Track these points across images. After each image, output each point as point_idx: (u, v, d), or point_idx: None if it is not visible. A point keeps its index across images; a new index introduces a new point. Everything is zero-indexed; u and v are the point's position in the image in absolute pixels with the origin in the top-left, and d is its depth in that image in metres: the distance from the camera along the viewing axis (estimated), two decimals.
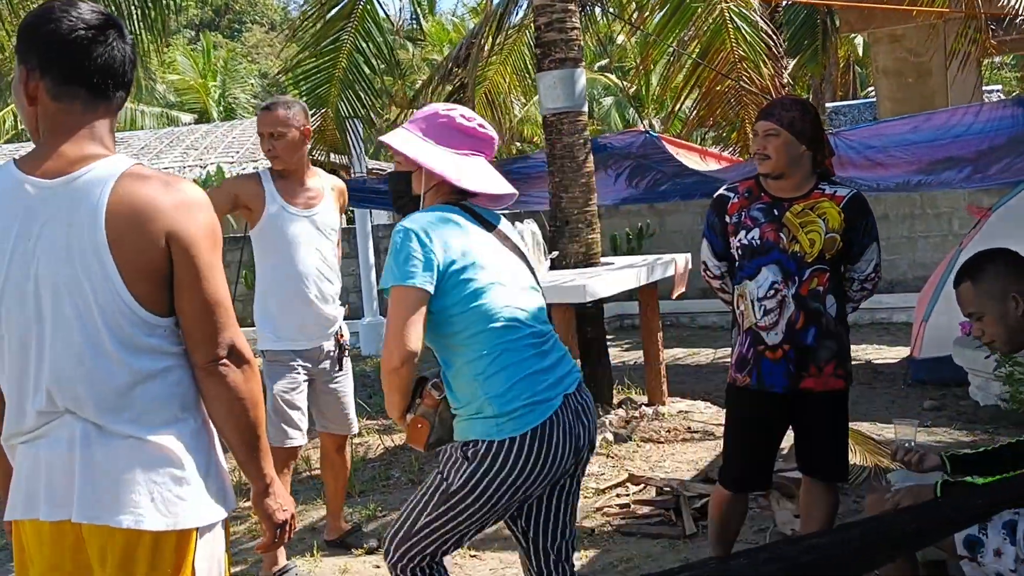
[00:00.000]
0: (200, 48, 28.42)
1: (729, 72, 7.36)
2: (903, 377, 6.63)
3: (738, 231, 3.06)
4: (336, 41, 7.56)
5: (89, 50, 1.68)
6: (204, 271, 1.70)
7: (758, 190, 3.08)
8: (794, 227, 2.97)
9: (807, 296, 2.97)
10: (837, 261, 3.02)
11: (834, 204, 2.98)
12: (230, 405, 1.74)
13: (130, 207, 1.64)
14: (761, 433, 3.13)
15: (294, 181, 3.70)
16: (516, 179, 7.31)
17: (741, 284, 3.08)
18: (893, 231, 9.84)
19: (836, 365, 3.02)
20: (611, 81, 24.23)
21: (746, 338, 3.06)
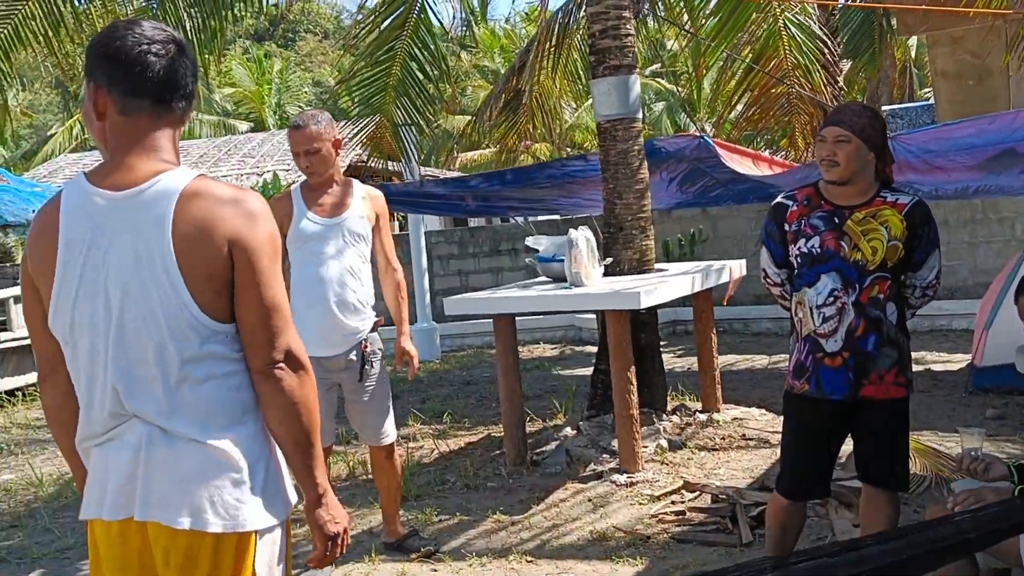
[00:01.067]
0: (255, 57, 28.91)
1: (782, 78, 7.30)
2: (964, 385, 6.51)
3: (798, 239, 3.04)
4: (391, 50, 7.65)
5: (153, 64, 1.75)
6: (264, 277, 1.75)
7: (818, 198, 3.06)
8: (855, 235, 2.95)
9: (867, 303, 2.95)
10: (898, 269, 2.99)
11: (896, 212, 2.96)
12: (285, 409, 1.78)
13: (196, 217, 1.71)
14: (820, 441, 3.11)
15: (321, 191, 3.74)
16: (571, 181, 7.46)
17: (800, 291, 3.07)
18: (953, 236, 9.66)
19: (897, 373, 3.00)
20: (662, 86, 24.13)
21: (804, 345, 3.05)
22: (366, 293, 3.81)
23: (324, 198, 3.74)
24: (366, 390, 3.84)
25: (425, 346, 10.36)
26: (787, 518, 3.22)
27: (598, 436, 5.41)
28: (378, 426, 3.92)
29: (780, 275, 3.20)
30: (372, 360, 3.82)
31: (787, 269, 3.16)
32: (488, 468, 5.38)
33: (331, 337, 3.69)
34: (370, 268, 3.86)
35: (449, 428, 6.62)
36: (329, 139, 3.69)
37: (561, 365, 9.25)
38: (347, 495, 5.13)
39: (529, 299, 5.24)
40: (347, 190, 3.80)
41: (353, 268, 3.74)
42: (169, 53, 1.78)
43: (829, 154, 2.95)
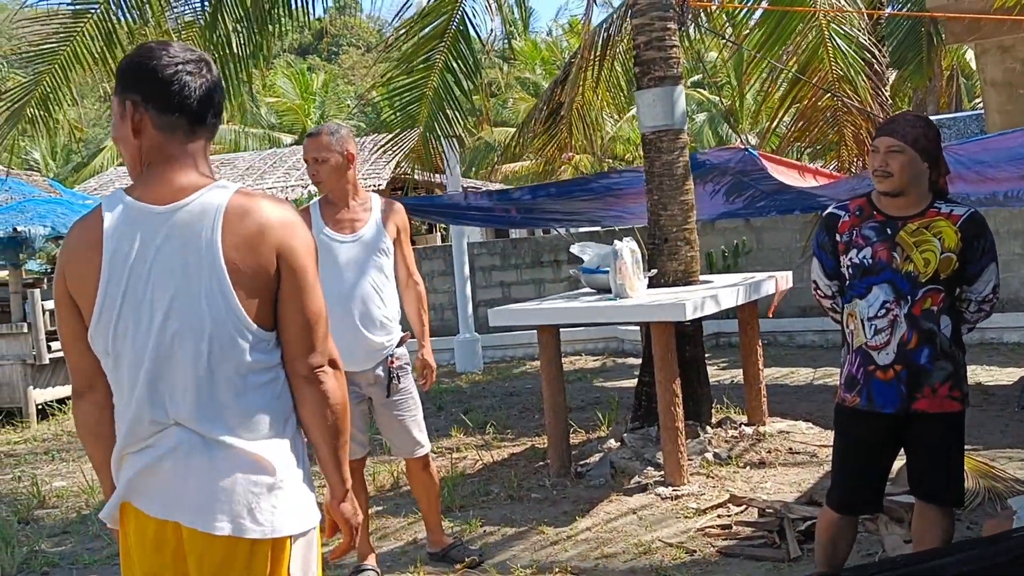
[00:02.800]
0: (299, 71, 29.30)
1: (828, 89, 7.23)
2: (1017, 400, 6.37)
3: (849, 250, 3.01)
4: (428, 60, 7.68)
5: (187, 81, 1.83)
6: (309, 286, 1.83)
7: (870, 208, 3.03)
8: (908, 246, 2.92)
9: (920, 316, 2.91)
10: (952, 281, 2.95)
11: (950, 223, 2.92)
12: (325, 410, 1.86)
13: (244, 227, 1.78)
14: (871, 455, 3.07)
15: (339, 206, 3.74)
16: (613, 193, 7.45)
17: (851, 303, 3.03)
18: (1005, 247, 9.48)
19: (952, 387, 2.95)
20: (704, 97, 24.02)
21: (856, 357, 3.01)
22: (391, 308, 3.79)
23: (342, 213, 3.74)
24: (395, 404, 3.83)
25: (467, 357, 10.40)
26: (838, 532, 3.17)
27: (642, 448, 5.38)
28: (409, 439, 3.91)
29: (832, 287, 3.16)
30: (399, 375, 3.80)
31: (838, 281, 3.13)
32: (532, 479, 5.38)
33: (357, 353, 3.66)
34: (394, 283, 3.84)
35: (492, 439, 6.62)
36: (339, 151, 3.68)
37: (603, 377, 9.22)
38: (391, 506, 5.17)
39: (574, 310, 5.24)
40: (366, 205, 3.79)
41: (376, 284, 3.73)
42: (202, 71, 1.86)
43: (882, 164, 2.92)
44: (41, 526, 5.41)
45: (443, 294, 11.90)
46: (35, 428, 8.91)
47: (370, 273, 3.72)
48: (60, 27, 6.45)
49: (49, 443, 8.09)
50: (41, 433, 8.62)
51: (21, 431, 8.79)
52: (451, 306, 11.49)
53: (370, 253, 3.73)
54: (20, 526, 5.43)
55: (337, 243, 3.70)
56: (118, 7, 6.37)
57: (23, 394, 9.14)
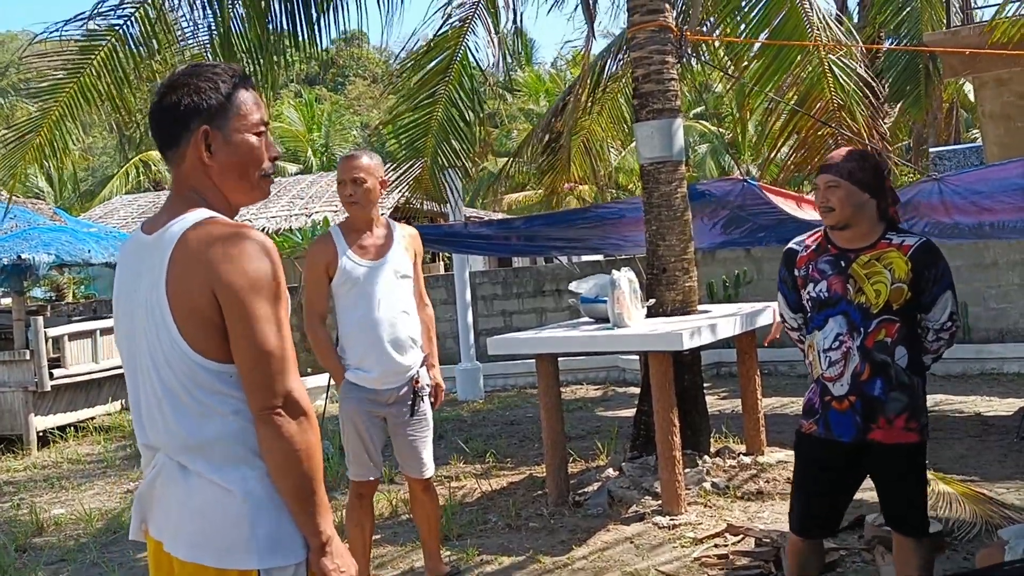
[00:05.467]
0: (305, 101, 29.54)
1: (828, 120, 7.30)
2: (1016, 430, 6.37)
3: (807, 284, 3.11)
4: (432, 94, 7.79)
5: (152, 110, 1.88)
6: (252, 321, 1.72)
7: (825, 242, 3.13)
8: (860, 278, 3.00)
9: (873, 348, 2.97)
10: (908, 311, 2.99)
11: (901, 254, 2.99)
12: (283, 456, 1.74)
13: (184, 259, 1.74)
14: (828, 481, 3.13)
15: (363, 232, 3.81)
16: (612, 223, 7.51)
17: (811, 335, 3.12)
18: (1003, 278, 9.51)
19: (908, 418, 2.97)
20: (707, 128, 24.17)
21: (816, 387, 3.10)
22: (416, 329, 3.88)
23: (366, 239, 3.81)
24: (411, 424, 3.90)
25: (469, 385, 10.41)
26: (804, 557, 3.24)
27: (640, 477, 5.39)
28: (418, 460, 3.95)
29: (796, 320, 3.25)
30: (422, 395, 3.89)
31: (802, 314, 3.22)
32: (530, 508, 5.38)
33: (385, 373, 3.78)
34: (415, 305, 3.93)
35: (492, 467, 6.63)
36: (377, 176, 3.78)
37: (603, 406, 9.23)
38: (389, 534, 5.17)
39: (572, 339, 5.27)
40: (388, 231, 3.88)
41: (405, 306, 3.82)
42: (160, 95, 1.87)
43: (823, 200, 3.03)
44: (39, 554, 5.41)
45: (445, 322, 11.92)
46: (35, 455, 8.91)
47: (398, 295, 3.81)
48: (67, 62, 6.55)
49: (49, 471, 8.10)
50: (41, 460, 8.63)
51: (21, 458, 8.79)
52: (453, 334, 11.51)
53: (397, 276, 3.82)
54: (17, 554, 5.44)
55: (364, 267, 3.78)
56: (125, 43, 6.47)
57: (24, 421, 9.16)
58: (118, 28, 6.50)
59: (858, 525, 4.44)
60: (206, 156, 1.83)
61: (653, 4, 5.75)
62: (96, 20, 6.58)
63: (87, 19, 6.51)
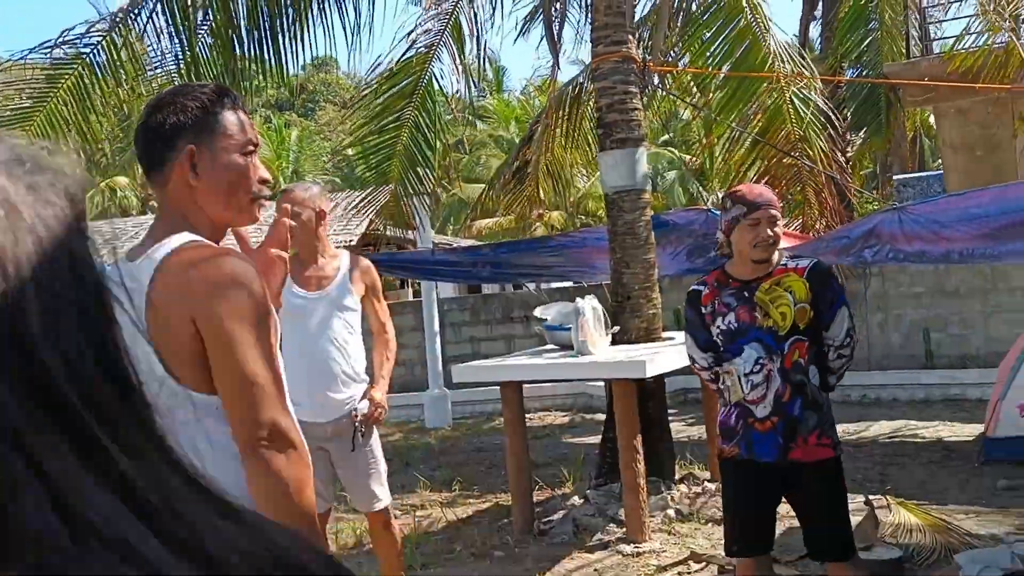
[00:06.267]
0: (275, 127, 29.52)
1: (789, 150, 7.42)
2: (976, 456, 6.45)
3: (715, 319, 3.19)
4: (398, 119, 7.82)
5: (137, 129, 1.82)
6: (234, 350, 1.64)
7: (725, 278, 3.22)
8: (765, 304, 3.10)
9: (791, 369, 3.08)
10: (814, 331, 3.12)
11: (798, 275, 3.12)
12: (270, 490, 1.65)
13: (164, 287, 1.67)
14: (754, 500, 3.20)
15: (308, 263, 3.77)
16: (578, 250, 7.57)
17: (728, 362, 3.16)
18: (965, 306, 9.65)
19: (820, 434, 3.10)
20: (674, 155, 24.41)
21: (734, 410, 3.16)
22: (355, 364, 3.80)
23: (310, 270, 3.77)
24: (355, 458, 3.81)
25: (437, 413, 10.38)
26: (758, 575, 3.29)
27: (606, 505, 5.39)
28: (367, 492, 3.87)
29: (707, 359, 3.29)
30: (362, 429, 3.79)
31: (712, 352, 3.26)
32: (496, 537, 5.36)
33: (316, 407, 3.66)
34: (359, 338, 3.85)
35: (458, 496, 6.60)
36: (312, 207, 3.71)
37: (571, 433, 9.23)
38: (353, 564, 5.12)
39: (536, 367, 5.29)
40: (334, 262, 3.82)
41: (338, 340, 3.74)
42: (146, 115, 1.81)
43: (771, 235, 3.10)
44: None
45: (413, 349, 11.90)
46: None
47: (333, 329, 3.74)
48: (34, 90, 6.52)
49: None
50: None
51: None
52: (421, 361, 11.48)
53: (334, 309, 3.75)
54: None
55: (301, 299, 3.72)
56: (92, 71, 6.45)
57: None
58: (85, 56, 6.49)
59: None
60: (191, 177, 1.76)
61: (617, 35, 5.83)
62: (62, 48, 6.56)
63: (52, 47, 6.49)
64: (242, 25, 6.68)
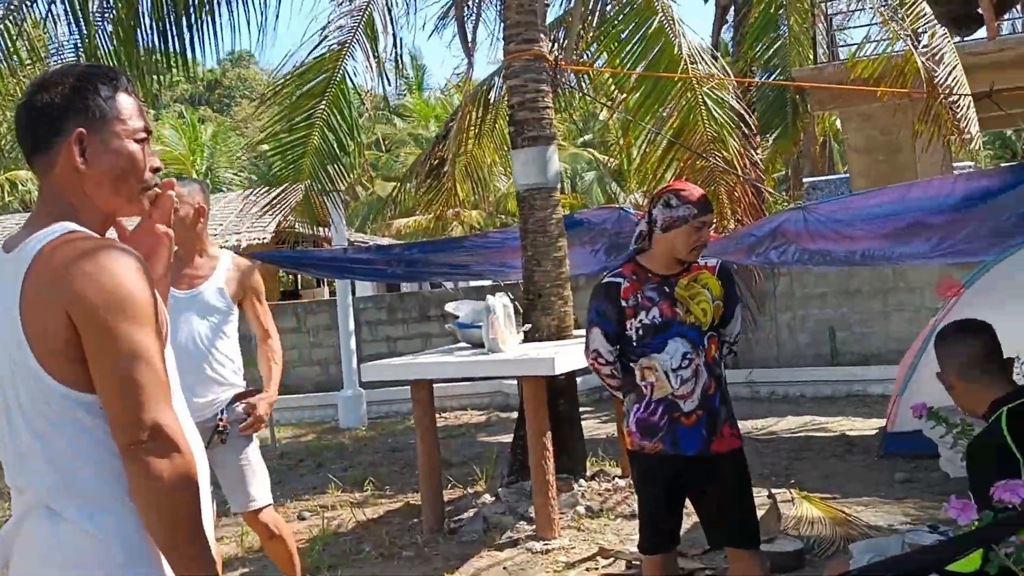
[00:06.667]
0: (188, 122, 28.81)
1: (703, 151, 7.54)
2: (876, 450, 6.65)
3: (637, 312, 3.16)
4: (309, 116, 7.68)
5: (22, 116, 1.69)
6: (114, 343, 1.53)
7: (643, 272, 3.21)
8: (685, 300, 3.14)
9: (712, 363, 3.15)
10: (718, 328, 3.21)
11: (710, 273, 3.20)
12: (150, 495, 1.53)
13: (38, 277, 1.56)
14: (673, 496, 3.24)
15: (183, 262, 3.61)
16: (493, 249, 7.56)
17: (647, 357, 3.14)
18: (867, 305, 9.96)
19: (731, 424, 3.20)
20: (594, 156, 24.64)
21: (657, 407, 3.13)
22: (223, 367, 3.68)
23: (186, 269, 3.62)
24: (224, 458, 3.67)
25: (351, 413, 10.26)
26: (665, 572, 3.31)
27: (516, 503, 5.39)
28: (242, 492, 3.73)
29: (613, 352, 3.25)
30: (225, 434, 3.66)
31: (618, 347, 3.24)
32: (405, 537, 5.31)
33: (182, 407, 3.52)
34: (232, 341, 3.72)
35: (370, 496, 6.52)
36: (191, 203, 3.57)
37: (486, 431, 9.22)
38: (259, 567, 5.02)
39: (446, 365, 5.25)
40: (211, 263, 3.68)
41: (205, 342, 3.63)
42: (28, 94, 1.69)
43: (706, 239, 3.16)
44: None
45: (328, 348, 11.74)
46: None
47: (200, 331, 3.61)
48: None
49: None
50: None
51: None
52: (336, 361, 11.33)
53: (203, 311, 3.61)
54: None
55: (172, 298, 3.55)
56: None
57: None
58: None
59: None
60: (80, 162, 1.64)
61: (528, 33, 5.84)
62: None
63: None
64: (146, 14, 6.47)
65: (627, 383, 3.23)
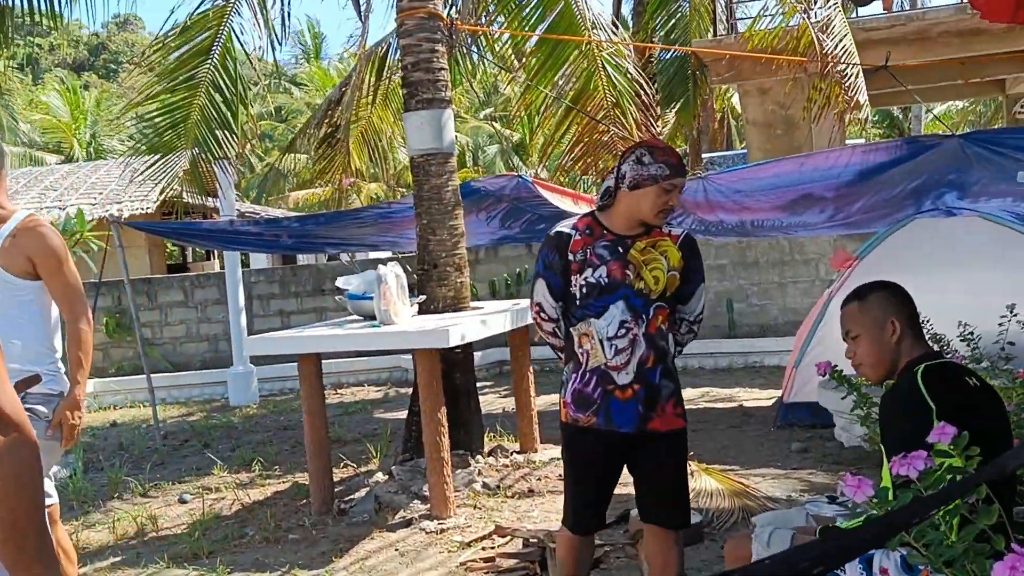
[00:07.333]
0: (71, 87, 27.36)
1: (603, 118, 7.39)
2: (772, 420, 6.68)
3: (583, 268, 2.93)
4: (192, 77, 7.24)
5: None
6: None
7: (599, 228, 2.98)
8: (639, 264, 2.91)
9: (655, 335, 2.92)
10: (672, 300, 2.99)
11: (671, 242, 2.98)
12: None
13: None
14: (605, 473, 3.01)
15: None
16: (387, 221, 7.28)
17: (585, 322, 2.94)
18: (764, 276, 10.06)
19: (675, 403, 2.98)
20: (495, 129, 24.42)
21: (591, 377, 2.92)
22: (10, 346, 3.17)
23: None
24: None
25: (241, 390, 9.85)
26: (581, 554, 3.13)
27: (410, 481, 5.17)
28: None
29: (557, 309, 3.04)
30: None
31: (563, 303, 3.03)
32: (292, 519, 5.03)
33: None
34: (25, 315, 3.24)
35: (257, 477, 6.20)
36: None
37: (383, 407, 8.96)
38: (131, 555, 4.68)
39: (334, 338, 4.97)
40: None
41: None
42: None
43: (671, 202, 2.91)
44: None
45: (218, 324, 11.25)
46: None
47: None
48: None
49: None
50: None
51: None
52: (226, 336, 10.87)
53: None
54: None
55: None
56: None
57: None
58: None
59: (623, 520, 4.43)
60: None
61: None
62: None
63: None
64: None
65: (567, 350, 3.01)
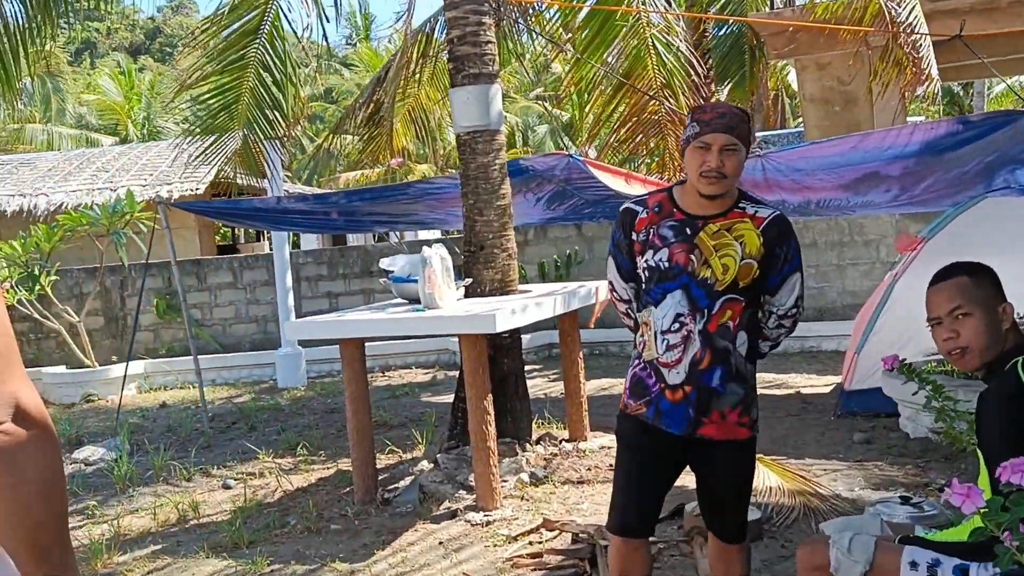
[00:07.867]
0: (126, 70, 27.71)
1: (652, 95, 7.13)
2: (833, 409, 6.40)
3: (645, 250, 2.68)
4: (242, 57, 7.16)
5: None
6: None
7: (670, 205, 2.70)
8: (707, 249, 2.61)
9: (715, 333, 2.60)
10: (753, 291, 2.65)
11: (753, 227, 2.63)
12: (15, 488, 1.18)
13: None
14: (653, 471, 2.74)
15: None
16: (435, 197, 7.12)
17: (646, 310, 2.70)
18: (822, 258, 9.72)
19: (741, 412, 2.65)
20: (545, 108, 24.12)
21: (648, 368, 2.68)
22: None
23: None
24: None
25: (290, 372, 9.81)
26: (628, 561, 2.80)
27: (456, 470, 5.02)
28: None
29: (628, 290, 2.81)
30: None
31: (635, 284, 2.79)
32: (334, 508, 4.92)
33: None
34: None
35: (302, 462, 6.10)
36: None
37: (431, 391, 8.83)
38: (172, 543, 4.60)
39: (377, 323, 4.82)
40: None
41: None
42: None
43: (718, 165, 2.55)
44: None
45: (266, 305, 11.22)
46: None
47: None
48: None
49: None
50: None
51: None
52: (274, 318, 10.83)
53: None
54: None
55: None
56: None
57: None
58: None
59: (677, 515, 4.23)
60: None
61: None
62: None
63: None
64: None
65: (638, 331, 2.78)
